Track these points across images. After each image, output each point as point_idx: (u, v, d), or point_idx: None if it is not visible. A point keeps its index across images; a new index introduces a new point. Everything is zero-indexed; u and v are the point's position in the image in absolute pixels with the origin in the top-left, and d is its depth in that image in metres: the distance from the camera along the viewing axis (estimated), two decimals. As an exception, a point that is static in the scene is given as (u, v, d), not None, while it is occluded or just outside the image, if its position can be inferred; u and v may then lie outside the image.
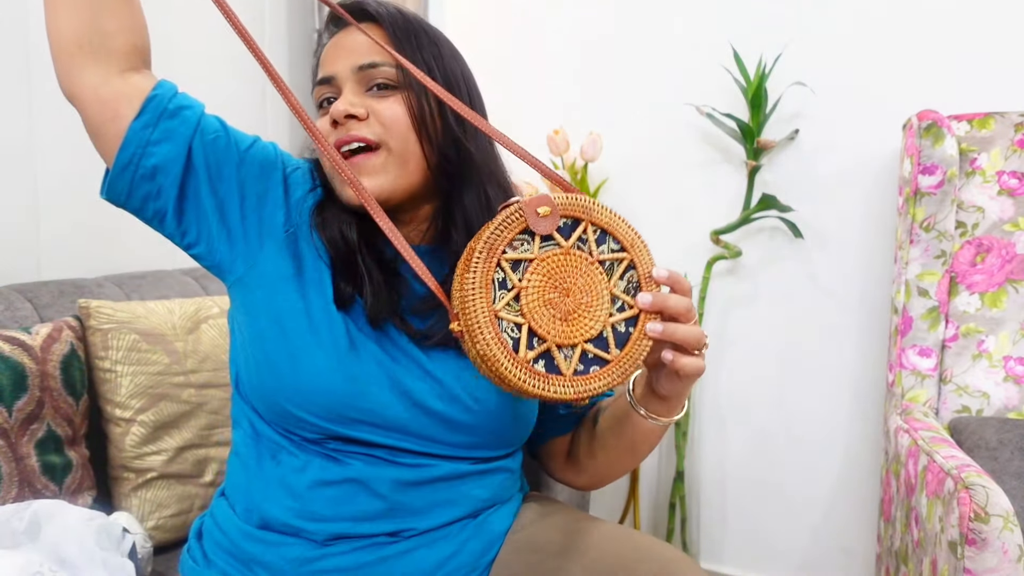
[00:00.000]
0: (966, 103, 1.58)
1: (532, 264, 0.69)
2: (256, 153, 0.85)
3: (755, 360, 1.91)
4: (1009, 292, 1.50)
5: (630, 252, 0.73)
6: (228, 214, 0.83)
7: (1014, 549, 1.00)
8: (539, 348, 0.69)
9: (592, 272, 0.71)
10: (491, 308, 0.67)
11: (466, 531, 0.83)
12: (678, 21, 1.91)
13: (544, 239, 0.70)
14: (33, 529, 0.93)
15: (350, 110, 0.80)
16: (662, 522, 1.98)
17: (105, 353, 1.17)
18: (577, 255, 0.71)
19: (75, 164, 1.42)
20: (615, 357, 0.71)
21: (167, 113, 0.81)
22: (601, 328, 0.71)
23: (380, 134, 0.80)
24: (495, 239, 0.68)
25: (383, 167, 0.80)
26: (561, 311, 0.70)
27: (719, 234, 1.83)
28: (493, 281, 0.68)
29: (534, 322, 0.69)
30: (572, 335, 0.70)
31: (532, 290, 0.69)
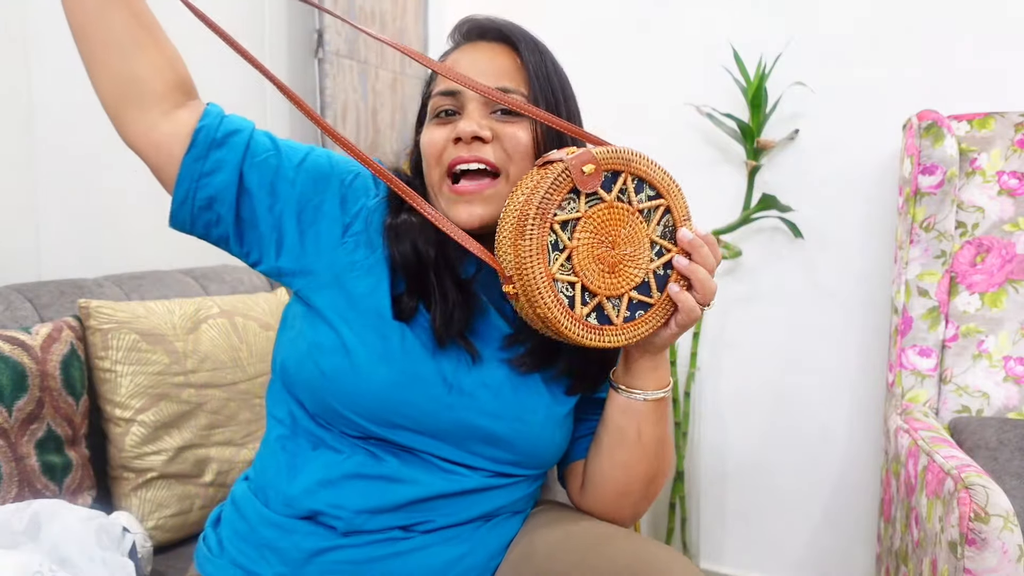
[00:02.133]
0: (966, 103, 1.58)
1: (580, 223, 0.72)
2: (309, 166, 0.85)
3: (755, 360, 1.91)
4: (1009, 292, 1.50)
5: (666, 198, 0.75)
6: (286, 230, 0.83)
7: (1014, 549, 1.00)
8: (592, 303, 0.73)
9: (634, 222, 0.74)
10: (548, 272, 0.70)
11: (480, 532, 0.84)
12: (678, 21, 1.92)
13: (589, 196, 0.72)
14: (33, 529, 0.93)
15: (479, 132, 0.80)
16: (662, 522, 1.98)
17: (105, 353, 1.17)
18: (620, 207, 0.73)
19: (75, 164, 1.42)
20: (657, 300, 0.75)
21: (215, 143, 0.82)
22: (644, 276, 0.74)
23: (503, 160, 0.81)
24: (547, 204, 0.70)
25: (497, 195, 0.81)
26: (608, 264, 0.73)
27: (719, 234, 1.83)
28: (547, 245, 0.71)
29: (586, 279, 0.72)
30: (619, 286, 0.74)
31: (583, 248, 0.72)
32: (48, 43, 1.36)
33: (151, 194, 1.58)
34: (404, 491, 0.80)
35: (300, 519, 0.81)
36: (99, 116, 1.47)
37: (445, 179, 0.82)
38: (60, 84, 1.39)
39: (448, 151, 0.81)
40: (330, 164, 0.86)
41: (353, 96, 1.85)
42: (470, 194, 0.80)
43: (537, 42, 0.88)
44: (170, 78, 0.83)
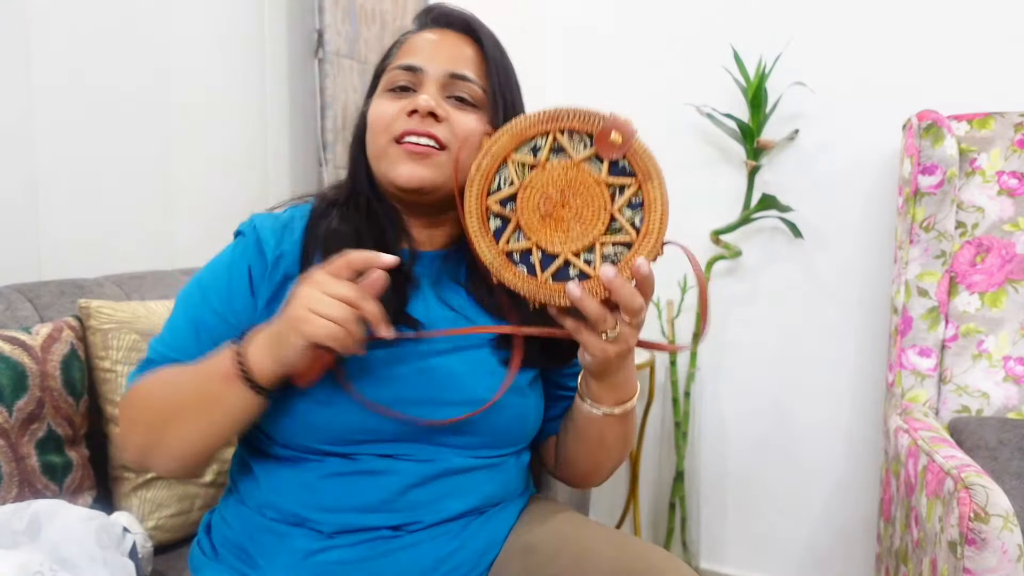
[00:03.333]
0: (966, 103, 1.58)
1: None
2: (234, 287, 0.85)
3: (755, 360, 1.91)
4: (1009, 292, 1.50)
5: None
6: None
7: (1014, 549, 1.00)
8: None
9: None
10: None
11: (470, 528, 0.84)
12: (678, 21, 1.92)
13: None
14: (33, 529, 0.93)
15: (436, 108, 0.82)
16: (662, 522, 1.98)
17: (105, 353, 1.17)
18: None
19: (75, 164, 1.42)
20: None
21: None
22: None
23: (450, 140, 0.83)
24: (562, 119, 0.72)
25: (442, 165, 0.82)
26: (553, 216, 0.73)
27: (719, 234, 1.83)
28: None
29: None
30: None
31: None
32: (48, 43, 1.36)
33: (151, 194, 1.58)
34: (386, 482, 0.80)
35: (285, 523, 0.81)
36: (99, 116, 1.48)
37: (392, 143, 0.83)
38: (60, 84, 1.39)
39: (399, 122, 0.83)
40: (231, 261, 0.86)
41: (353, 96, 1.85)
42: (419, 154, 0.81)
43: (498, 40, 0.91)
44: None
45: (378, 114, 0.85)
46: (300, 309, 0.70)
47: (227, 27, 1.70)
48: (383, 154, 0.84)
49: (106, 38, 1.46)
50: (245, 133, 1.75)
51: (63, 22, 1.39)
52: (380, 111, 0.85)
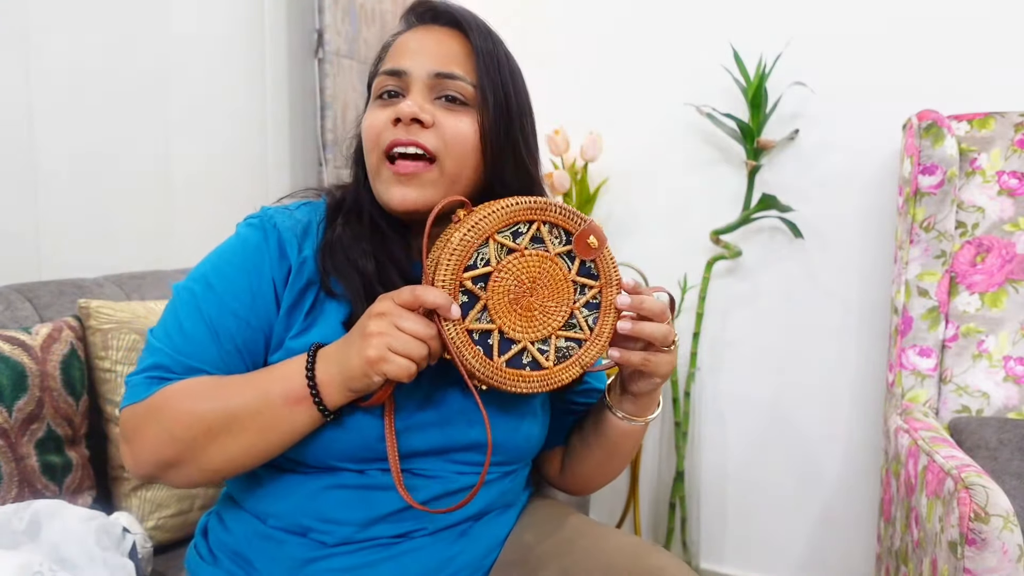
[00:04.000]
0: (966, 103, 1.58)
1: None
2: (257, 291, 0.81)
3: (755, 360, 1.91)
4: (1009, 292, 1.50)
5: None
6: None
7: (1014, 549, 1.00)
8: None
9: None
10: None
11: (472, 532, 0.83)
12: (678, 21, 1.92)
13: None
14: (33, 529, 0.93)
15: (419, 114, 0.78)
16: (662, 522, 1.98)
17: (105, 353, 1.17)
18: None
19: (75, 164, 1.42)
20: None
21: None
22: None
23: (439, 148, 0.78)
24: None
25: (432, 182, 0.79)
26: (520, 304, 0.74)
27: (719, 234, 1.83)
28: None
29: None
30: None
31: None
32: (48, 43, 1.36)
33: (151, 194, 1.58)
34: (395, 497, 0.78)
35: (285, 532, 0.80)
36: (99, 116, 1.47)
37: (383, 161, 0.80)
38: (60, 84, 1.39)
39: (386, 133, 0.79)
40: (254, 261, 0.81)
41: (353, 96, 1.85)
42: (407, 175, 0.78)
43: (491, 31, 0.85)
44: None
45: (368, 126, 0.81)
46: (379, 349, 0.69)
47: (227, 27, 1.70)
48: (376, 174, 0.81)
49: (106, 40, 1.46)
50: (245, 133, 1.75)
51: (63, 23, 1.39)
52: (369, 123, 0.81)
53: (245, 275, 0.79)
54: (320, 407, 0.73)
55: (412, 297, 0.70)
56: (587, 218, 0.75)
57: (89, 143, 1.44)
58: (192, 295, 0.79)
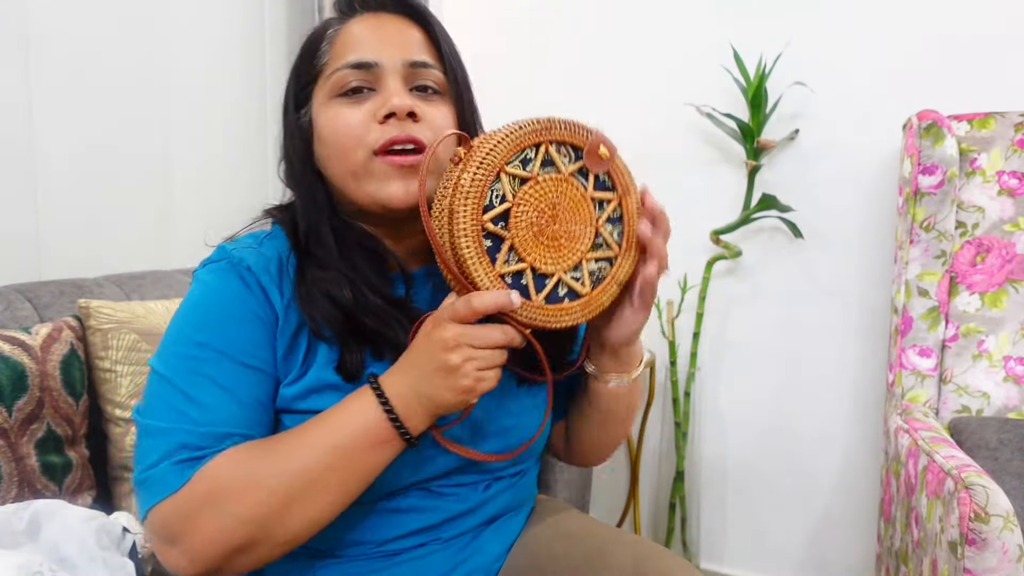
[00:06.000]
0: (966, 103, 1.58)
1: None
2: (259, 338, 0.74)
3: (755, 360, 1.91)
4: (1009, 292, 1.50)
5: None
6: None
7: (1014, 549, 1.00)
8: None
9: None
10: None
11: (482, 536, 0.83)
12: (678, 21, 1.91)
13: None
14: (33, 529, 0.93)
15: (415, 108, 0.74)
16: (662, 522, 1.98)
17: (105, 353, 1.17)
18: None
19: (75, 164, 1.42)
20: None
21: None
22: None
23: (430, 140, 0.75)
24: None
25: (429, 173, 0.75)
26: (546, 235, 0.69)
27: (719, 234, 1.83)
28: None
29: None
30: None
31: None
32: (48, 43, 1.36)
33: (151, 194, 1.58)
34: (407, 521, 0.77)
35: (304, 550, 0.77)
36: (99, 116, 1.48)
37: (373, 158, 0.74)
38: (60, 84, 1.39)
39: (373, 131, 0.74)
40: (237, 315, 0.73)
41: (353, 96, 1.85)
42: (409, 167, 0.74)
43: (437, 18, 0.82)
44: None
45: (343, 126, 0.75)
46: (470, 377, 0.66)
47: (227, 27, 1.70)
48: (364, 171, 0.75)
49: (107, 41, 1.46)
50: (245, 133, 1.75)
51: (63, 22, 1.39)
52: (344, 122, 0.75)
53: (239, 324, 0.72)
54: (407, 439, 0.69)
55: (471, 311, 0.65)
56: (592, 128, 0.71)
57: (89, 143, 1.44)
58: (187, 362, 0.70)
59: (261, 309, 0.73)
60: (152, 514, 0.67)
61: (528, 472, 0.89)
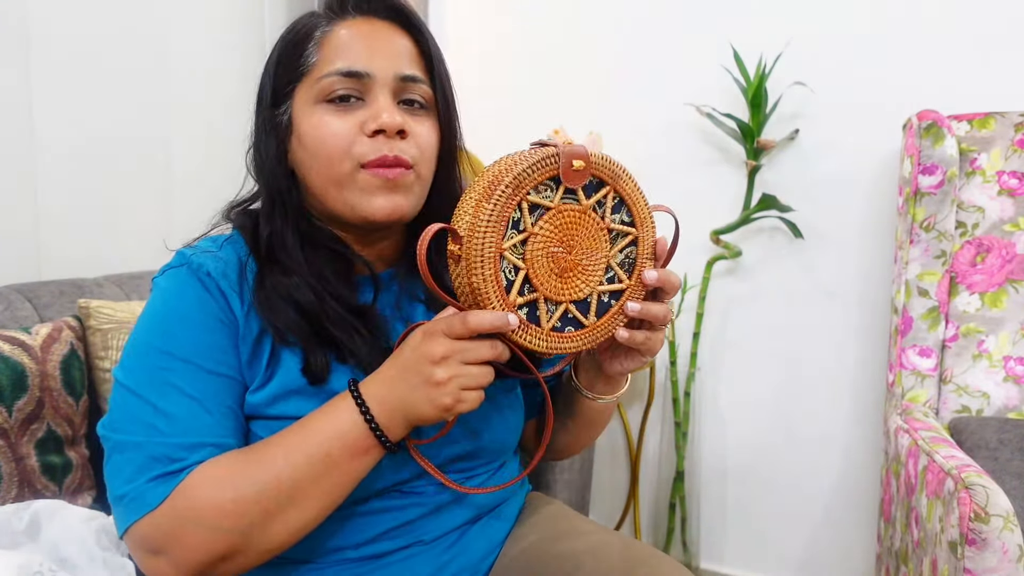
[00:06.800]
0: (966, 103, 1.58)
1: (549, 213, 0.68)
2: (226, 344, 0.73)
3: (755, 360, 1.91)
4: (1009, 292, 1.50)
5: (639, 229, 0.72)
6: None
7: (1014, 549, 1.00)
8: (528, 296, 0.68)
9: (599, 237, 0.70)
10: (499, 245, 0.65)
11: (468, 535, 0.83)
12: (678, 21, 1.91)
13: (567, 192, 0.68)
14: (33, 529, 0.93)
15: (405, 126, 0.74)
16: (662, 522, 1.98)
17: (105, 353, 1.17)
18: (591, 217, 0.70)
19: (75, 164, 1.42)
20: (591, 324, 0.71)
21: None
22: (589, 292, 0.71)
23: (416, 157, 0.75)
24: (524, 178, 0.65)
25: (411, 188, 0.76)
26: (559, 266, 0.69)
27: (719, 234, 1.83)
28: (509, 218, 0.66)
29: (532, 271, 0.68)
30: (562, 292, 0.69)
31: (541, 239, 0.68)
32: (48, 43, 1.36)
33: (151, 194, 1.58)
34: (381, 521, 0.77)
35: (288, 559, 0.77)
36: (99, 116, 1.47)
37: (358, 169, 0.74)
38: (60, 84, 1.39)
39: (361, 144, 0.73)
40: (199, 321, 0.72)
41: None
42: (394, 181, 0.73)
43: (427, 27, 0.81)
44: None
45: (329, 134, 0.74)
46: (453, 394, 0.65)
47: (227, 27, 1.70)
48: (347, 182, 0.74)
49: (107, 41, 1.46)
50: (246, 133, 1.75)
51: (63, 22, 1.39)
52: (330, 131, 0.74)
53: (203, 330, 0.71)
54: (387, 447, 0.69)
55: (466, 330, 0.65)
56: (556, 144, 0.68)
57: (89, 143, 1.44)
58: (153, 372, 0.69)
59: (223, 314, 0.73)
60: (132, 531, 0.67)
61: (506, 466, 0.88)
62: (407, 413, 0.67)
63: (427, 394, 0.66)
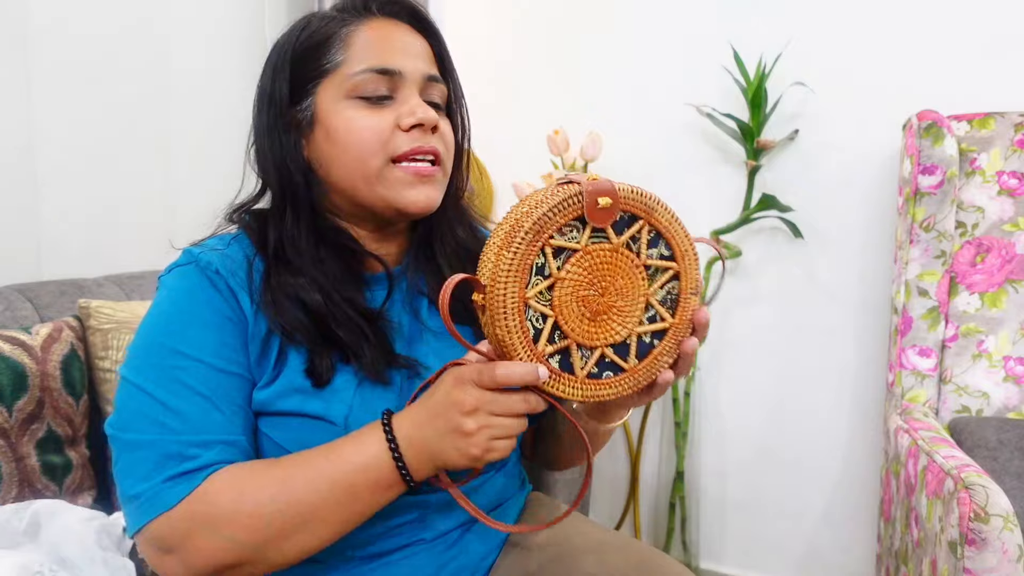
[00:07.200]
0: (966, 103, 1.58)
1: (575, 256, 0.63)
2: (236, 342, 0.74)
3: (755, 360, 1.91)
4: (1009, 292, 1.50)
5: (680, 263, 0.67)
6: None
7: (1014, 549, 1.00)
8: (559, 344, 0.64)
9: (634, 275, 0.66)
10: (522, 294, 0.62)
11: (468, 535, 0.83)
12: (678, 21, 1.92)
13: (595, 231, 0.64)
14: (33, 529, 0.93)
15: (438, 121, 0.77)
16: (662, 522, 1.98)
17: (105, 353, 1.17)
18: (624, 255, 0.65)
19: (75, 164, 1.42)
20: (631, 367, 0.67)
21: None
22: (627, 336, 0.66)
23: (443, 153, 0.78)
24: (546, 221, 0.61)
25: (440, 182, 0.79)
26: (592, 310, 0.65)
27: (719, 234, 1.83)
28: (532, 265, 0.62)
29: (562, 317, 0.64)
30: (596, 337, 0.65)
31: (568, 283, 0.63)
32: (48, 43, 1.36)
33: (151, 194, 1.58)
34: (383, 519, 0.76)
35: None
36: (99, 116, 1.47)
37: (390, 165, 0.75)
38: (60, 84, 1.39)
39: (397, 138, 0.75)
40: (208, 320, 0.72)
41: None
42: (429, 175, 0.76)
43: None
44: None
45: (364, 129, 0.75)
46: (482, 445, 0.64)
47: (227, 28, 1.70)
48: (379, 177, 0.75)
49: (107, 41, 1.46)
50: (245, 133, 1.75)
51: (63, 22, 1.39)
52: (364, 125, 0.75)
53: (212, 328, 0.72)
54: (411, 485, 0.68)
55: (494, 383, 0.63)
56: (581, 180, 0.63)
57: (89, 143, 1.44)
58: (163, 371, 0.70)
59: (233, 312, 0.73)
60: (146, 529, 0.67)
61: (504, 469, 0.87)
62: (434, 457, 0.67)
63: (455, 443, 0.65)
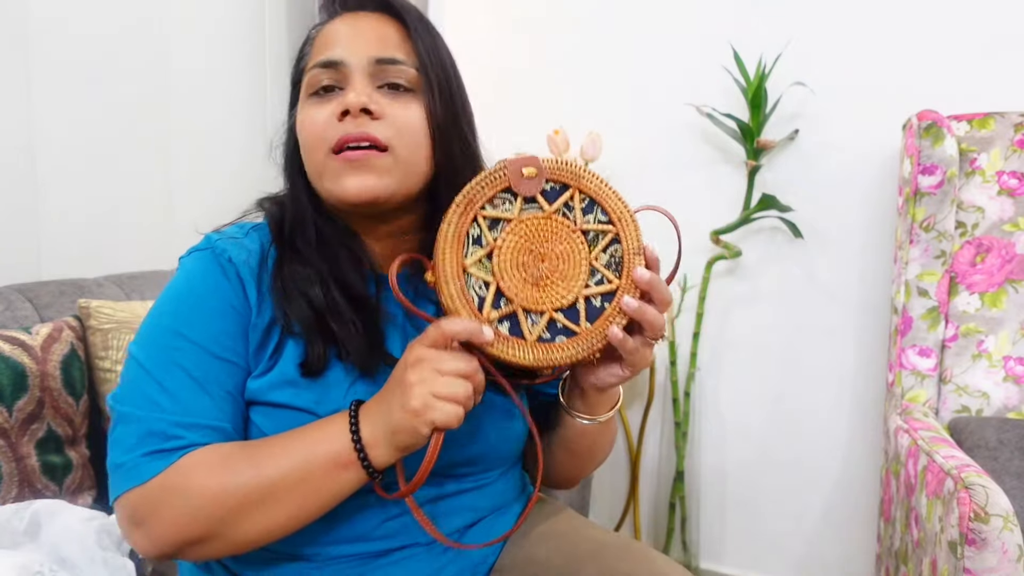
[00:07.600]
0: (966, 103, 1.58)
1: (510, 224, 0.69)
2: (234, 330, 0.75)
3: (755, 360, 1.91)
4: (1009, 292, 1.50)
5: (617, 226, 0.71)
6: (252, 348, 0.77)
7: (1014, 549, 1.00)
8: (505, 309, 0.68)
9: (573, 241, 0.70)
10: (460, 261, 0.67)
11: (467, 537, 0.82)
12: (678, 21, 1.92)
13: (527, 201, 0.69)
14: (33, 529, 0.93)
15: (368, 104, 0.73)
16: (662, 522, 1.98)
17: (105, 353, 1.17)
18: (559, 221, 0.70)
19: (75, 164, 1.42)
20: (584, 330, 0.69)
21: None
22: (574, 298, 0.69)
23: (391, 138, 0.75)
24: (474, 194, 0.68)
25: (388, 169, 0.75)
26: (533, 276, 0.69)
27: (719, 234, 1.83)
28: (468, 235, 0.68)
29: (503, 283, 0.68)
30: (541, 301, 0.69)
31: (506, 251, 0.68)
32: (48, 43, 1.36)
33: (151, 194, 1.58)
34: (379, 519, 0.76)
35: (280, 559, 0.77)
36: (99, 116, 1.47)
37: (330, 156, 0.75)
38: (60, 84, 1.39)
39: (332, 129, 0.74)
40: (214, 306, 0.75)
41: (353, 96, 1.85)
42: (358, 161, 0.73)
43: (423, 15, 0.82)
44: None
45: (307, 124, 0.76)
46: (422, 397, 0.65)
47: (227, 28, 1.70)
48: (323, 170, 0.76)
49: (107, 41, 1.46)
50: (245, 133, 1.75)
51: (63, 22, 1.39)
52: (309, 121, 0.76)
53: (216, 316, 0.74)
54: (368, 469, 0.68)
55: (440, 334, 0.65)
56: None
57: (89, 143, 1.44)
58: (164, 351, 0.72)
59: (238, 301, 0.75)
60: (122, 499, 0.69)
61: (508, 472, 0.87)
62: (386, 425, 0.67)
63: (399, 398, 0.66)
